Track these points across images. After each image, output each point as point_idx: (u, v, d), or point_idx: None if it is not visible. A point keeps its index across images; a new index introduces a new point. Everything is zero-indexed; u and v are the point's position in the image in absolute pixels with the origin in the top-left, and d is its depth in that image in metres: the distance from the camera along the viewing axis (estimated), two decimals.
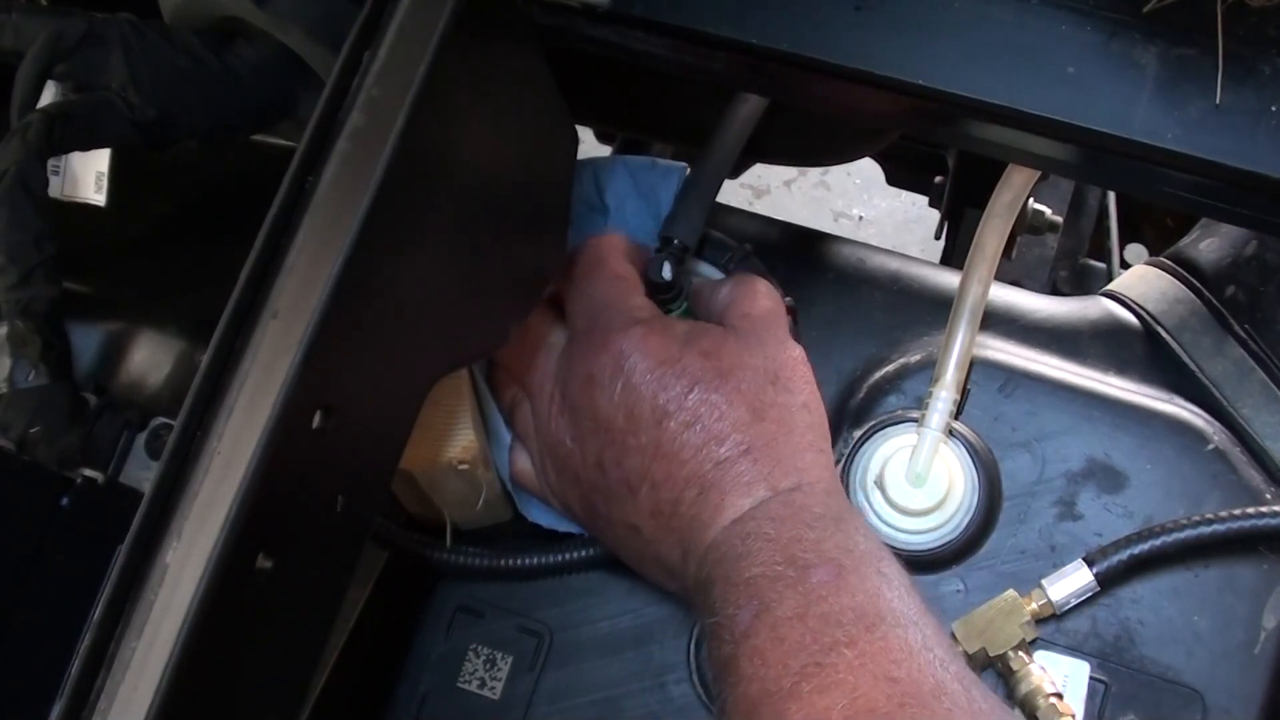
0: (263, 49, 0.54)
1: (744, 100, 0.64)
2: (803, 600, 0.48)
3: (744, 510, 0.53)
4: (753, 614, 0.49)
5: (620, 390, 0.55)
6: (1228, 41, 0.45)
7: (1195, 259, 0.68)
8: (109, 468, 0.49)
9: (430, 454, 0.57)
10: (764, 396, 0.56)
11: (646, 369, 0.55)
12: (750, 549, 0.51)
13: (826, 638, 0.47)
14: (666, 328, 0.57)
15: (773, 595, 0.49)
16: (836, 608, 0.48)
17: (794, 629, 0.48)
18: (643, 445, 0.55)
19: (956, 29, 0.47)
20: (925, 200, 1.20)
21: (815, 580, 0.49)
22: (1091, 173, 0.50)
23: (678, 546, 0.55)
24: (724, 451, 0.54)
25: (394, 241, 0.43)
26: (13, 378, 0.46)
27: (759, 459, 0.54)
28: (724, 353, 0.56)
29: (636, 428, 0.55)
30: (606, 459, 0.56)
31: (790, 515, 0.52)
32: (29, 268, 0.45)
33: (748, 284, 0.61)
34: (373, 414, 0.46)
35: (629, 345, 0.56)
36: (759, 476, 0.54)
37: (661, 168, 0.65)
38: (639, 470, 0.55)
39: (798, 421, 0.56)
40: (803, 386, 0.58)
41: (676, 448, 0.54)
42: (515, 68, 0.50)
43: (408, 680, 0.63)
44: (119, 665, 0.37)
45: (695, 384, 0.55)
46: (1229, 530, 0.57)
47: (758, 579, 0.50)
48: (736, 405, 0.55)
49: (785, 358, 0.58)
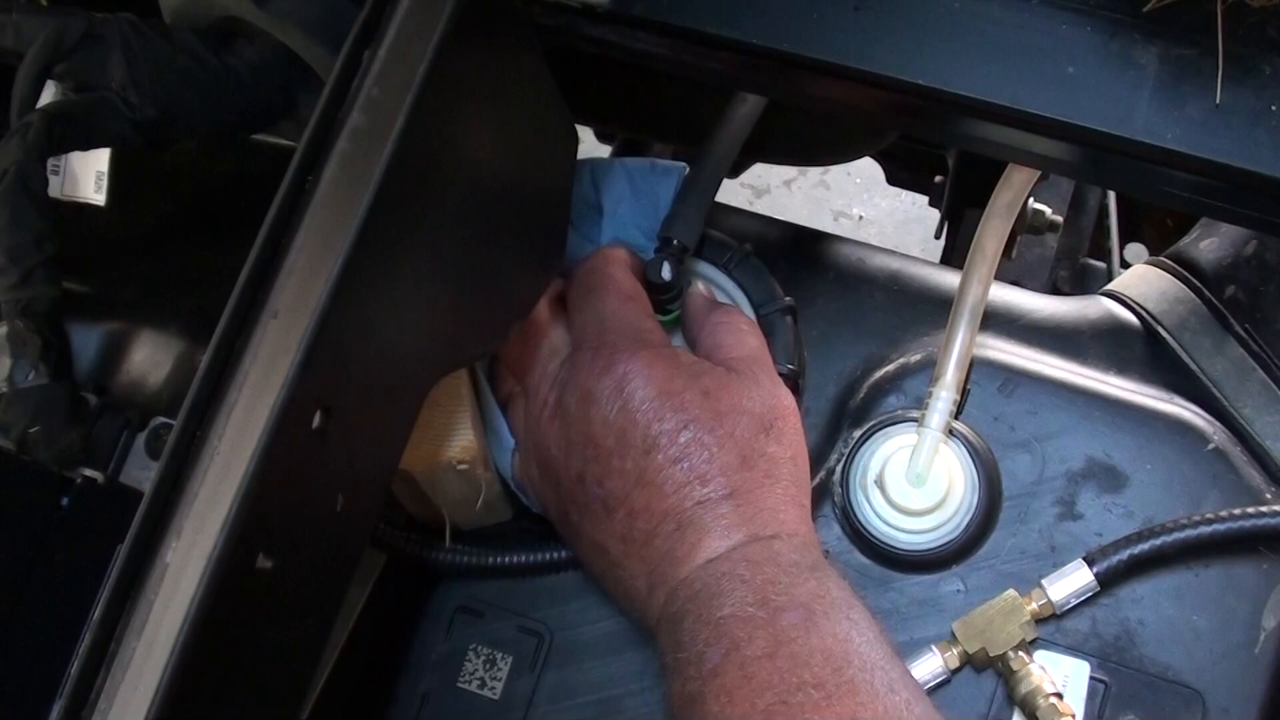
0: (263, 49, 0.54)
1: (743, 100, 0.64)
2: (773, 641, 0.49)
3: (720, 551, 0.53)
4: (722, 652, 0.49)
5: (616, 412, 0.55)
6: (1228, 41, 0.45)
7: (1195, 259, 0.68)
8: (109, 467, 0.49)
9: (429, 454, 0.57)
10: (755, 444, 0.56)
11: (646, 397, 0.55)
12: (723, 589, 0.51)
13: (794, 678, 0.47)
14: (674, 358, 0.57)
15: (743, 635, 0.49)
16: (805, 649, 0.48)
17: (762, 668, 0.48)
18: (627, 470, 0.55)
19: (956, 29, 0.47)
20: (925, 200, 1.20)
21: (786, 622, 0.49)
22: (1091, 173, 0.50)
23: (644, 576, 0.55)
24: (707, 492, 0.54)
25: (394, 241, 0.43)
26: (13, 378, 0.46)
27: (741, 504, 0.54)
28: (724, 395, 0.56)
29: (625, 452, 0.55)
30: (589, 475, 0.56)
31: (766, 560, 0.52)
32: (29, 268, 0.45)
33: (731, 322, 0.61)
34: (373, 414, 0.46)
35: (634, 369, 0.56)
36: (740, 521, 0.54)
37: (660, 168, 0.65)
38: (619, 494, 0.55)
39: (783, 474, 0.56)
40: (793, 439, 0.58)
41: (660, 480, 0.54)
42: (515, 68, 0.50)
43: (408, 680, 0.63)
44: (119, 665, 0.37)
45: (690, 422, 0.55)
46: (1229, 530, 0.57)
47: (729, 619, 0.50)
48: (727, 449, 0.55)
49: (780, 406, 0.58)
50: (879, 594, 0.61)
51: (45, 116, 0.46)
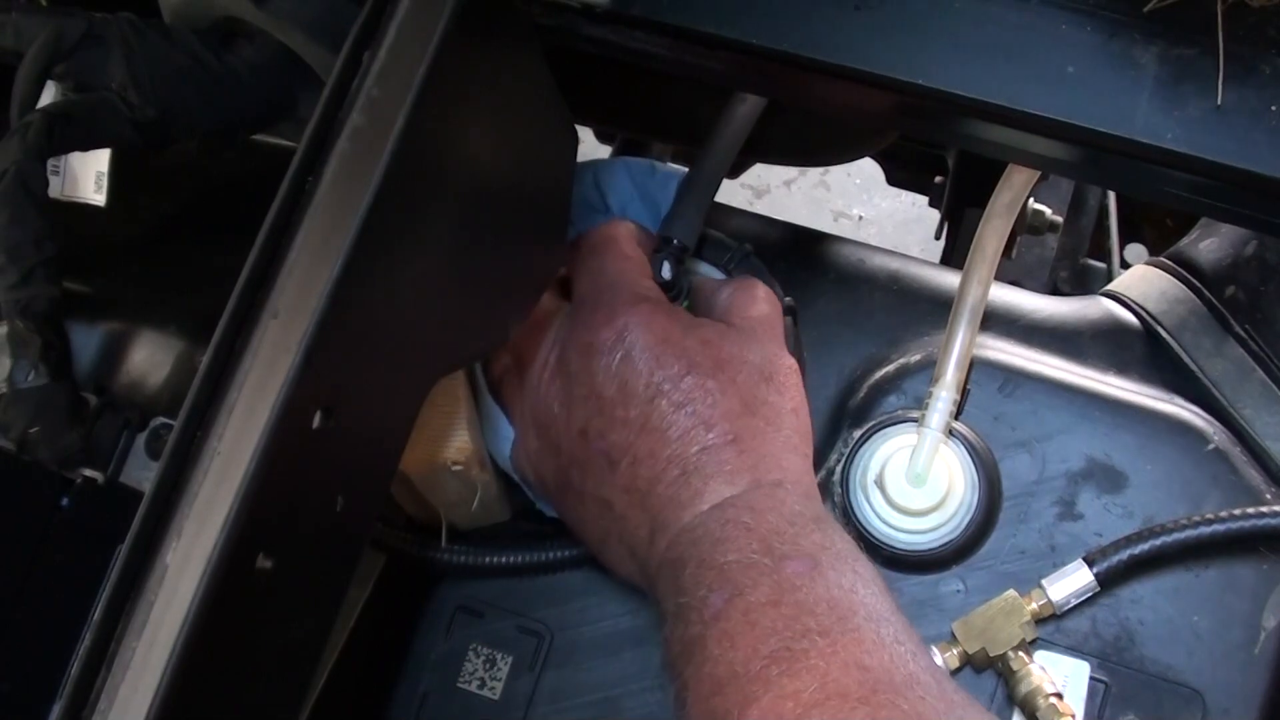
0: (263, 49, 0.54)
1: (743, 100, 0.64)
2: (777, 588, 0.48)
3: (724, 497, 0.53)
4: (725, 598, 0.49)
5: (618, 361, 0.56)
6: (1228, 41, 0.45)
7: (1195, 259, 0.68)
8: (109, 468, 0.49)
9: (426, 455, 0.57)
10: (757, 393, 0.56)
11: (646, 345, 0.56)
12: (728, 535, 0.51)
13: (799, 625, 0.47)
14: (673, 311, 0.58)
15: (747, 581, 0.49)
16: (811, 598, 0.48)
17: (767, 614, 0.48)
18: (631, 419, 0.55)
19: (956, 29, 0.47)
20: (925, 200, 1.20)
21: (790, 571, 0.49)
22: (1091, 173, 0.50)
23: (647, 524, 0.55)
24: (712, 438, 0.54)
25: (394, 242, 0.43)
26: (13, 378, 0.45)
27: (745, 450, 0.54)
28: (724, 344, 0.57)
29: (628, 401, 0.55)
30: (592, 429, 0.56)
31: (770, 508, 0.52)
32: (29, 268, 0.45)
33: (748, 287, 0.61)
34: (373, 414, 0.46)
35: (634, 320, 0.56)
36: (743, 467, 0.54)
37: (661, 174, 0.65)
38: (623, 444, 0.55)
39: (785, 423, 0.56)
40: (794, 393, 0.58)
41: (665, 426, 0.55)
42: (515, 68, 0.50)
43: (408, 680, 0.63)
44: (119, 665, 0.37)
45: (692, 368, 0.55)
46: (1229, 530, 0.57)
47: (733, 565, 0.50)
48: (730, 395, 0.55)
49: (781, 363, 0.58)
50: None
51: (45, 117, 0.46)
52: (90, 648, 0.37)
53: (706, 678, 0.48)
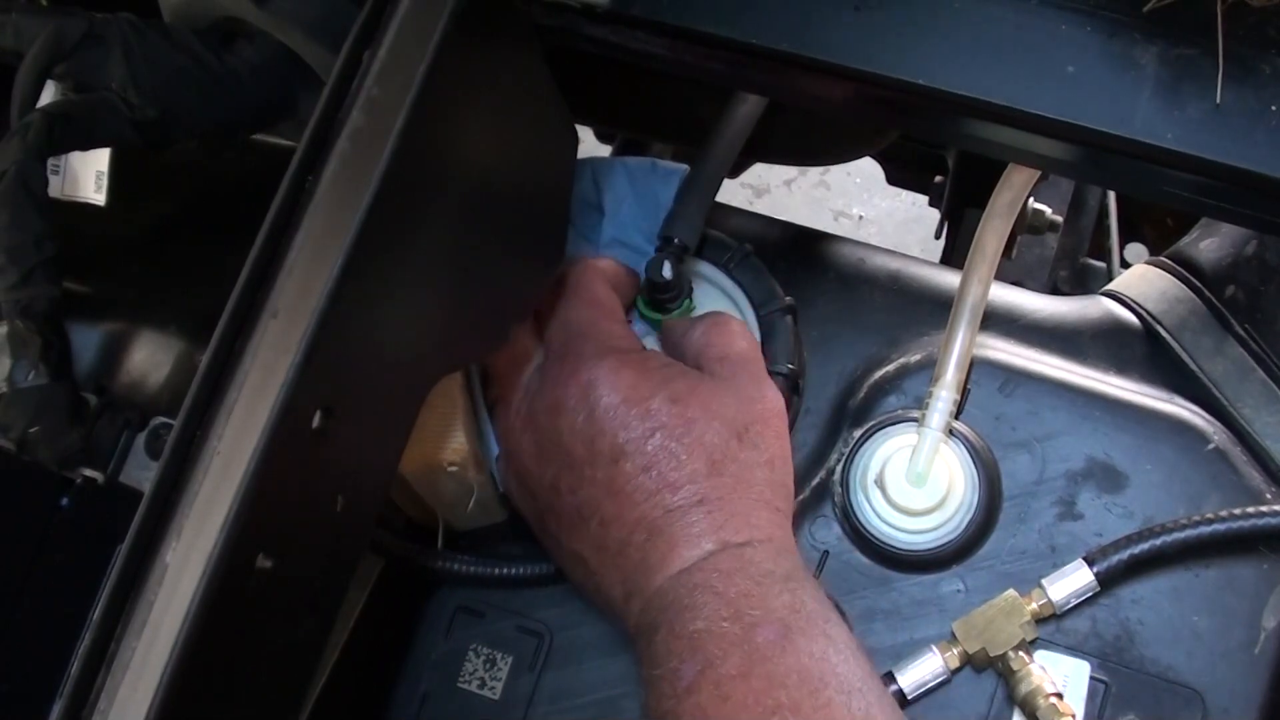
0: (263, 49, 0.54)
1: (744, 100, 0.64)
2: (747, 659, 0.48)
3: (692, 561, 0.52)
4: (697, 669, 0.48)
5: (583, 421, 0.55)
6: (1228, 41, 0.45)
7: (1195, 259, 0.68)
8: (109, 468, 0.49)
9: (422, 456, 0.57)
10: (727, 450, 0.55)
11: (611, 405, 0.55)
12: (695, 601, 0.51)
13: (770, 700, 0.47)
14: (642, 363, 0.57)
15: (717, 652, 0.49)
16: (782, 669, 0.48)
17: (737, 688, 0.47)
18: (597, 479, 0.55)
19: (956, 29, 0.47)
20: (925, 200, 1.20)
21: (761, 639, 0.49)
22: (1091, 173, 0.50)
23: (620, 585, 0.55)
24: (677, 500, 0.54)
25: (394, 242, 0.43)
26: (13, 378, 0.45)
27: (712, 510, 0.53)
28: (694, 400, 0.55)
29: (594, 460, 0.55)
30: (562, 484, 0.56)
31: (739, 569, 0.51)
32: (29, 268, 0.45)
33: (722, 325, 0.60)
34: (373, 414, 0.46)
35: (599, 376, 0.55)
36: (710, 528, 0.53)
37: (661, 170, 0.65)
38: (591, 503, 0.55)
39: (757, 478, 0.55)
40: (771, 442, 0.57)
41: (630, 489, 0.54)
42: (515, 68, 0.50)
43: (408, 680, 0.63)
44: (119, 665, 0.37)
45: (658, 429, 0.54)
46: (1229, 530, 0.57)
47: (702, 633, 0.49)
48: (696, 456, 0.54)
49: (758, 410, 0.57)
50: (879, 594, 0.61)
51: (45, 116, 0.46)
52: (90, 648, 0.37)
53: None
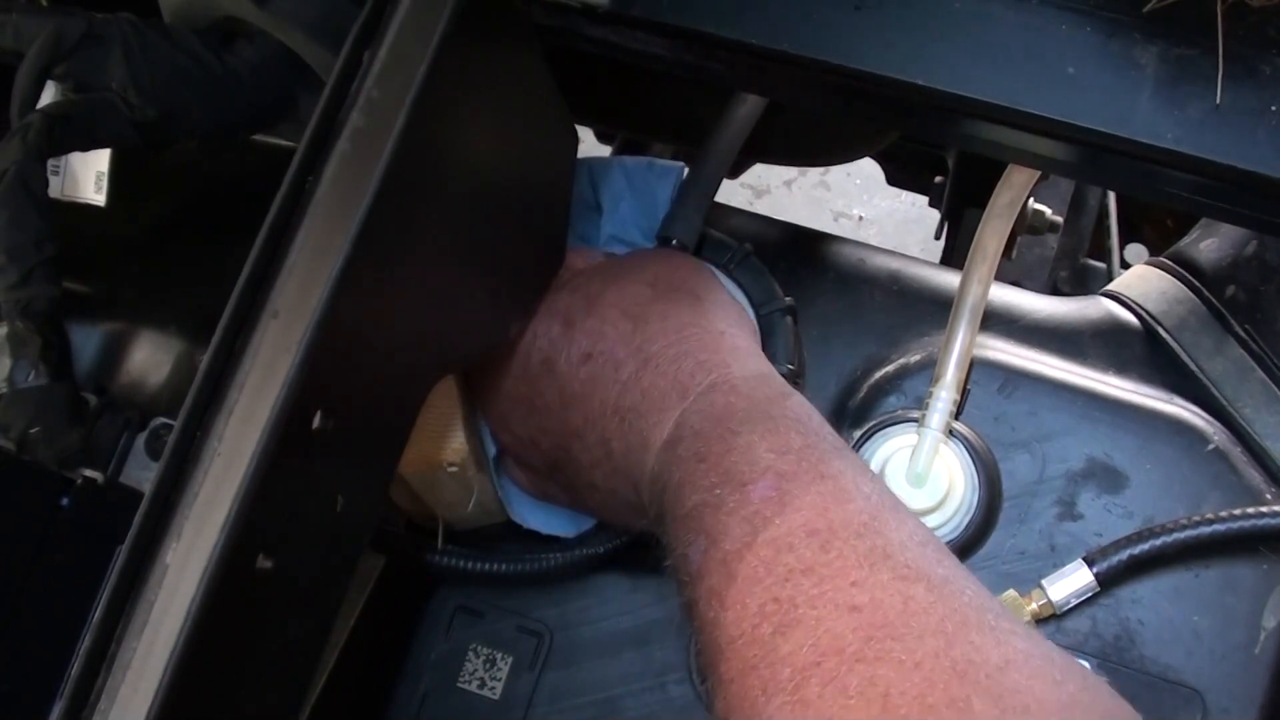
0: (263, 49, 0.54)
1: (743, 100, 0.64)
2: (747, 527, 0.45)
3: (668, 430, 0.51)
4: (701, 551, 0.46)
5: (519, 367, 0.56)
6: (1228, 41, 0.45)
7: (1195, 259, 0.68)
8: (109, 468, 0.49)
9: (422, 456, 0.57)
10: (641, 300, 0.54)
11: (532, 330, 0.55)
12: (685, 474, 0.48)
13: (780, 567, 0.44)
14: (552, 294, 0.57)
15: (717, 527, 0.46)
16: (784, 530, 0.44)
17: (744, 561, 0.44)
18: (550, 404, 0.55)
19: (956, 29, 0.47)
20: (925, 200, 1.20)
21: (757, 499, 0.45)
22: (1091, 173, 0.50)
23: (630, 484, 0.53)
24: (624, 374, 0.52)
25: (394, 242, 0.43)
26: (13, 378, 0.45)
27: (659, 366, 0.52)
28: (592, 281, 0.56)
29: (539, 389, 0.55)
30: (535, 434, 0.56)
31: (714, 422, 0.49)
32: (29, 268, 0.45)
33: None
34: (373, 414, 0.46)
35: (531, 328, 0.56)
36: (667, 387, 0.51)
37: (659, 168, 0.65)
38: (559, 429, 0.55)
39: (684, 317, 0.53)
40: (690, 279, 0.55)
41: (577, 387, 0.53)
42: (515, 68, 0.50)
43: (408, 680, 0.63)
44: (119, 665, 0.37)
45: (569, 320, 0.54)
46: (1229, 530, 0.57)
47: (699, 509, 0.47)
48: (616, 321, 0.53)
49: (665, 264, 0.56)
50: None
51: (45, 117, 0.46)
52: (90, 648, 0.37)
53: (708, 645, 0.45)
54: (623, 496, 0.55)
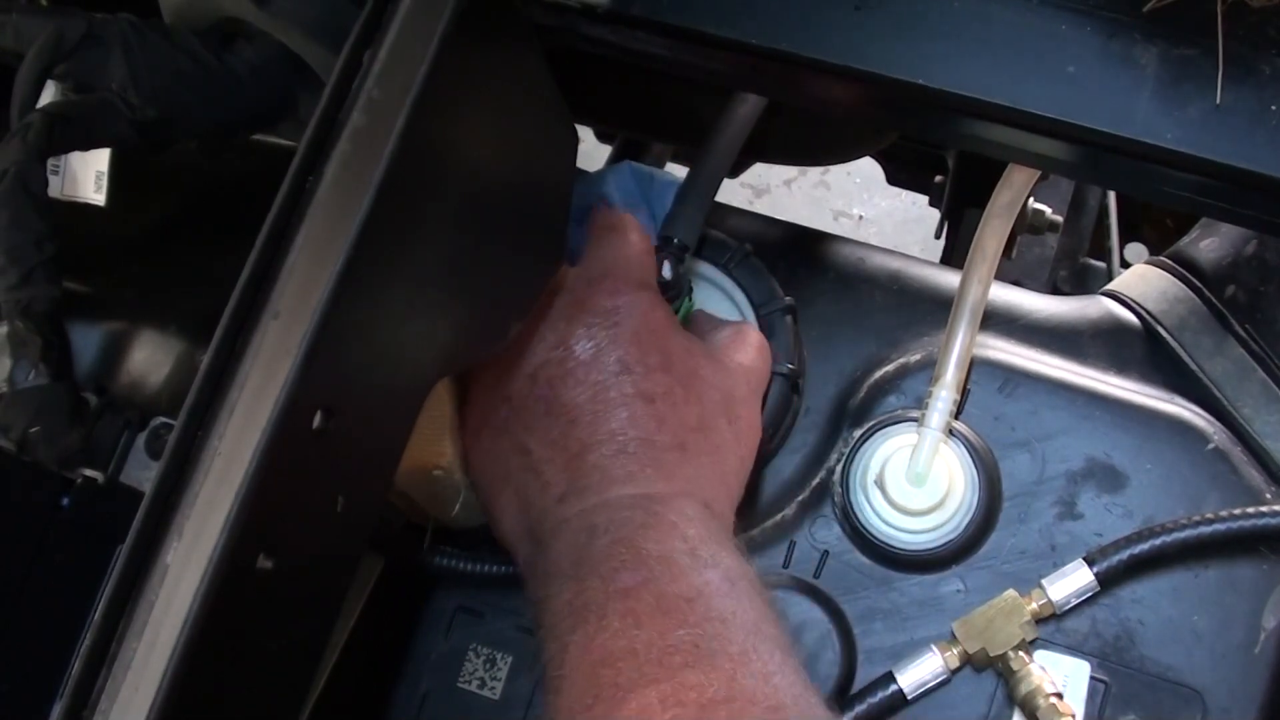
0: (263, 49, 0.54)
1: (743, 100, 0.64)
2: (696, 591, 0.48)
3: (657, 490, 0.52)
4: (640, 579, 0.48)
5: (601, 330, 0.55)
6: (1228, 41, 0.45)
7: (1195, 259, 0.68)
8: (109, 468, 0.49)
9: (409, 457, 0.56)
10: (716, 421, 0.56)
11: (637, 327, 0.55)
12: (654, 524, 0.50)
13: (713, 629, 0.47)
14: (671, 312, 0.58)
15: (666, 574, 0.48)
16: (728, 610, 0.48)
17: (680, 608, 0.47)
18: (588, 381, 0.54)
19: (956, 29, 0.47)
20: (925, 200, 1.20)
21: (712, 577, 0.49)
22: (1091, 173, 0.50)
23: (563, 483, 0.54)
24: (660, 436, 0.54)
25: (394, 242, 0.43)
26: (13, 378, 0.45)
27: (688, 461, 0.54)
28: (705, 363, 0.56)
29: (594, 365, 0.55)
30: (543, 375, 0.55)
31: (699, 519, 0.51)
32: (29, 268, 0.45)
33: (744, 334, 0.61)
34: (373, 414, 0.46)
35: (635, 300, 0.56)
36: (681, 475, 0.53)
37: (660, 181, 0.65)
38: (570, 403, 0.54)
39: (730, 458, 0.56)
40: (749, 441, 0.58)
41: (620, 403, 0.54)
42: (515, 68, 0.50)
43: (408, 680, 0.63)
44: (120, 665, 0.37)
45: (669, 367, 0.55)
46: (1229, 530, 0.57)
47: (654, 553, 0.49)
48: (691, 407, 0.55)
49: (746, 412, 0.58)
50: (879, 594, 0.61)
51: (45, 117, 0.46)
52: (91, 648, 0.37)
53: (598, 647, 0.46)
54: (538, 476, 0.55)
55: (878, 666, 0.59)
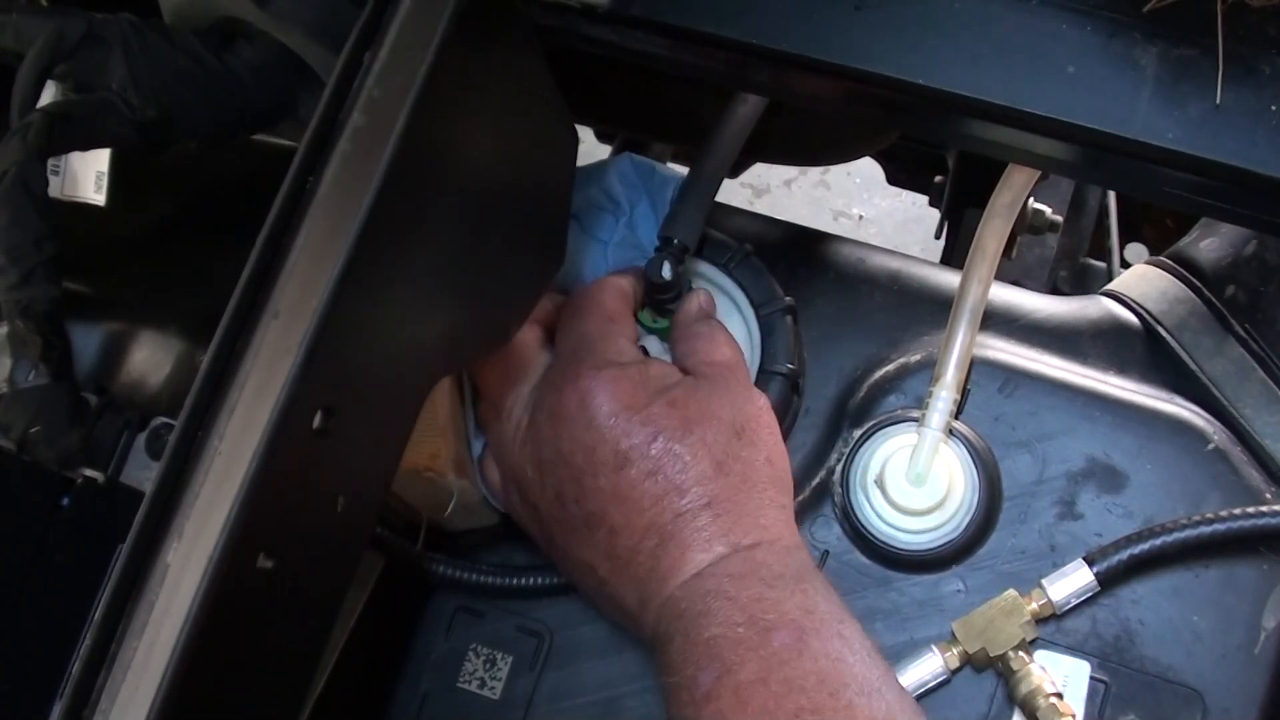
0: (263, 49, 0.54)
1: (744, 100, 0.64)
2: (765, 664, 0.48)
3: (703, 566, 0.52)
4: (714, 676, 0.48)
5: (583, 429, 0.55)
6: (1228, 41, 0.45)
7: (1195, 259, 0.68)
8: (110, 468, 0.49)
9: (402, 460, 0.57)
10: (728, 449, 0.55)
11: (611, 413, 0.55)
12: (710, 607, 0.50)
13: (790, 704, 0.47)
14: (641, 374, 0.57)
15: (734, 658, 0.49)
16: (799, 672, 0.48)
17: (757, 693, 0.47)
18: (601, 488, 0.54)
19: (956, 29, 0.47)
20: (925, 200, 1.20)
21: (777, 644, 0.49)
22: (1091, 173, 0.50)
23: (635, 593, 0.54)
24: (685, 503, 0.54)
25: (395, 242, 0.43)
26: (13, 378, 0.45)
27: (720, 513, 0.54)
28: (691, 402, 0.56)
29: (596, 470, 0.55)
30: (566, 494, 0.56)
31: (750, 572, 0.51)
32: (29, 268, 0.45)
33: (708, 333, 0.61)
34: (373, 414, 0.46)
35: (597, 386, 0.55)
36: (719, 532, 0.53)
37: (661, 176, 0.65)
38: (598, 512, 0.55)
39: (760, 476, 0.56)
40: (767, 439, 0.57)
41: (637, 495, 0.54)
42: (515, 68, 0.50)
43: (408, 680, 0.63)
44: (120, 665, 0.37)
45: (659, 433, 0.54)
46: (1229, 530, 0.57)
47: (718, 639, 0.49)
48: (700, 458, 0.54)
49: (751, 409, 0.57)
50: (879, 594, 0.61)
51: (46, 117, 0.46)
52: (91, 648, 0.37)
53: None
54: (614, 590, 0.56)
55: None
